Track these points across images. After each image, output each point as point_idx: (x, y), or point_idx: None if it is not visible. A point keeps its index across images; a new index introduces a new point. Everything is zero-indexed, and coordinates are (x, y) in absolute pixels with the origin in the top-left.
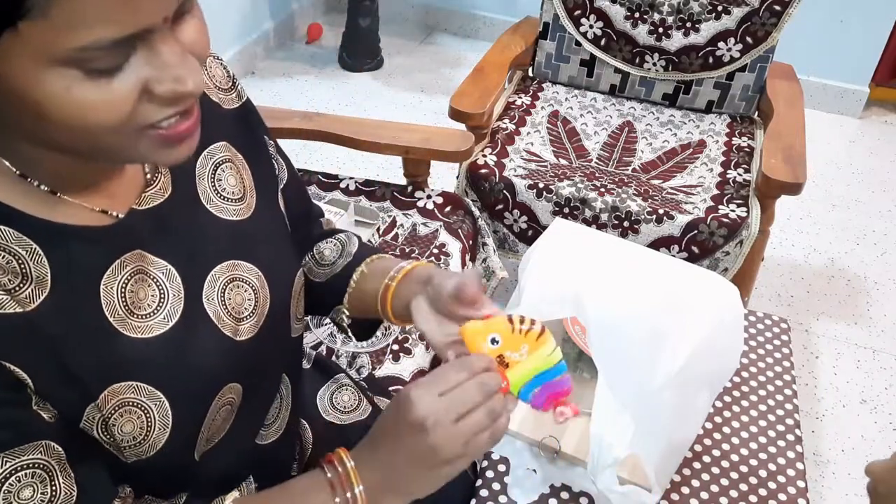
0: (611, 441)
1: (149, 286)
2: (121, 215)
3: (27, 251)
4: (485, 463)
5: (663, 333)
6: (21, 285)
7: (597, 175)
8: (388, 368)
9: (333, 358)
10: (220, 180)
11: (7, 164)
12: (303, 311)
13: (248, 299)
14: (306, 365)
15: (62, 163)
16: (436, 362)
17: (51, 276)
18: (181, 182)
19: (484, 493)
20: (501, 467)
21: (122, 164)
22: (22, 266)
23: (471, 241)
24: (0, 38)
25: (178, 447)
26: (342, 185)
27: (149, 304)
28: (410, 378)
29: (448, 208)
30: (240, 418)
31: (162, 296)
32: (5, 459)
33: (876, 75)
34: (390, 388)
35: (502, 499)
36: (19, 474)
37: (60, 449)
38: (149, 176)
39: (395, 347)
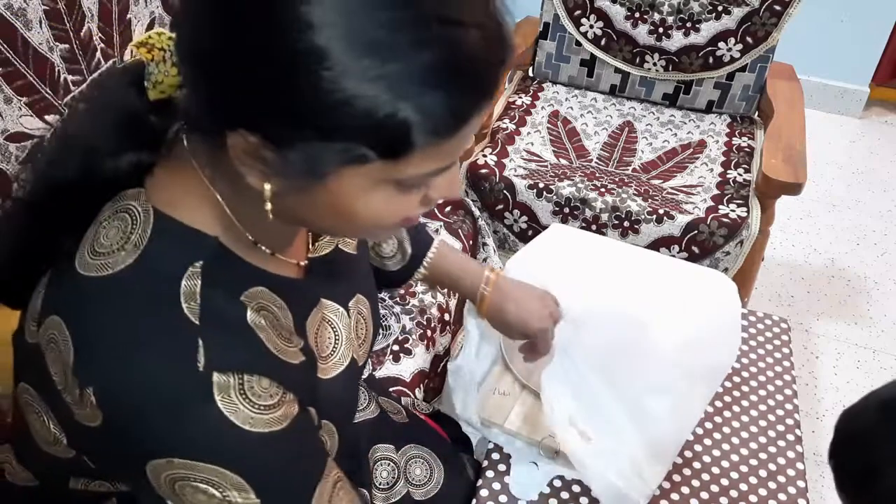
0: (560, 402)
1: (331, 330)
2: (304, 263)
3: (278, 306)
4: (485, 463)
5: (642, 323)
6: (292, 338)
7: (597, 175)
8: (388, 369)
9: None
10: None
11: (248, 235)
12: None
13: (363, 328)
14: None
15: (286, 230)
16: (436, 362)
17: (293, 326)
18: None
19: (484, 492)
20: (502, 467)
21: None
22: (287, 321)
23: (471, 241)
24: (367, 164)
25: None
26: None
27: (327, 346)
28: (411, 379)
29: (448, 208)
30: None
31: (338, 337)
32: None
33: (876, 75)
34: (391, 389)
35: (503, 498)
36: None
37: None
38: None
39: (396, 348)
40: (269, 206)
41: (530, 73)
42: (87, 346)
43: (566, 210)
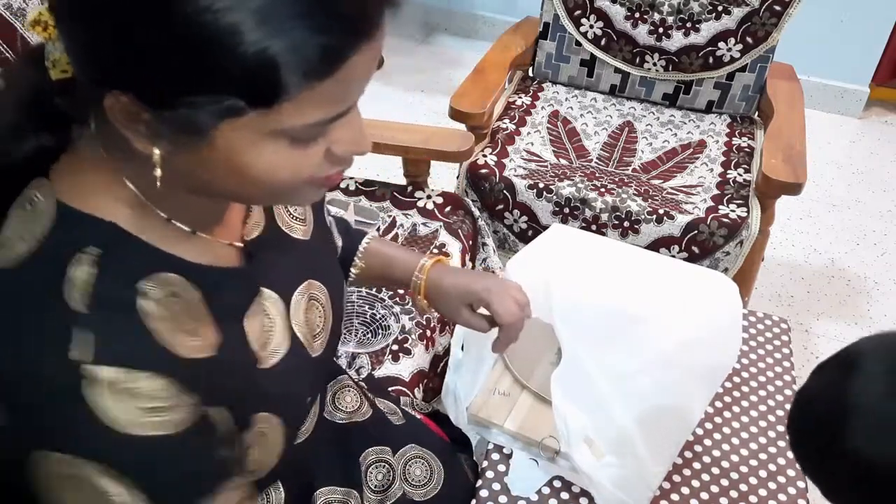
0: (575, 418)
1: (266, 318)
2: (240, 244)
3: (192, 298)
4: (485, 463)
5: (641, 323)
6: (197, 330)
7: (597, 175)
8: (387, 369)
9: (333, 358)
10: None
11: (157, 210)
12: None
13: (319, 316)
14: None
15: (202, 203)
16: (435, 362)
17: (213, 319)
18: (267, 209)
19: (484, 493)
20: (501, 467)
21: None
22: (199, 312)
23: (471, 242)
24: (243, 116)
25: (278, 463)
26: (342, 185)
27: (266, 335)
28: (410, 378)
29: (448, 208)
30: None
31: (272, 327)
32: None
33: (876, 75)
34: (390, 389)
35: (502, 499)
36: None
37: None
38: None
39: (395, 348)
40: (158, 171)
41: (530, 73)
42: None
43: (566, 210)
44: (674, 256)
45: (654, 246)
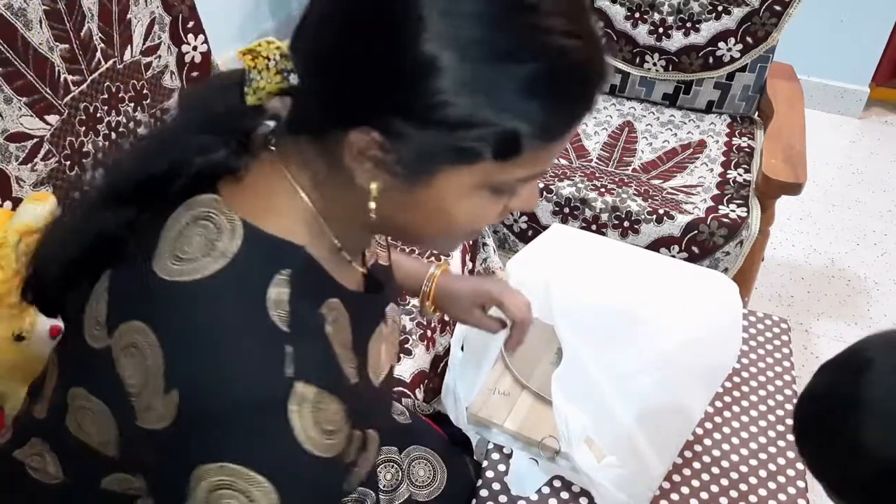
0: (576, 418)
1: (379, 342)
2: (362, 269)
3: (346, 322)
4: (485, 463)
5: (641, 323)
6: (348, 354)
7: (597, 175)
8: None
9: None
10: None
11: (335, 240)
12: None
13: (396, 333)
14: None
15: (366, 236)
16: (436, 362)
17: (352, 342)
18: None
19: (484, 493)
20: (502, 467)
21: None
22: (347, 337)
23: (471, 242)
24: (477, 164)
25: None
26: None
27: (378, 357)
28: (411, 379)
29: None
30: None
31: (381, 348)
32: None
33: (876, 75)
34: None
35: (502, 498)
36: None
37: None
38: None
39: None
40: (373, 205)
41: None
42: (178, 349)
43: (566, 210)
44: (674, 256)
45: (654, 246)
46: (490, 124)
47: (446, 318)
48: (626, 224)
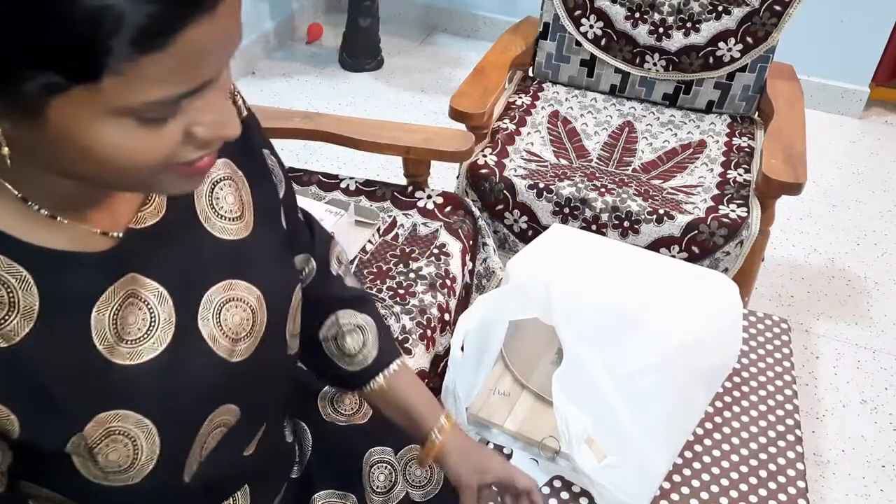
0: (576, 419)
1: (139, 310)
2: (119, 234)
3: (17, 279)
4: None
5: (641, 323)
6: (6, 317)
7: (597, 175)
8: None
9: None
10: (218, 199)
11: (9, 187)
12: (299, 329)
13: (246, 319)
14: None
15: (68, 186)
16: (436, 362)
17: (39, 305)
18: (179, 201)
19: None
20: None
21: (130, 192)
22: (11, 296)
23: (471, 241)
24: (70, 92)
25: (167, 471)
26: (342, 185)
27: (138, 329)
28: None
29: (448, 208)
30: (231, 436)
31: (153, 320)
32: None
33: (876, 75)
34: None
35: None
36: None
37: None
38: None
39: None
40: (5, 150)
41: (530, 74)
42: None
43: (566, 210)
44: (674, 256)
45: (654, 246)
46: (49, 38)
47: (446, 317)
48: (626, 224)
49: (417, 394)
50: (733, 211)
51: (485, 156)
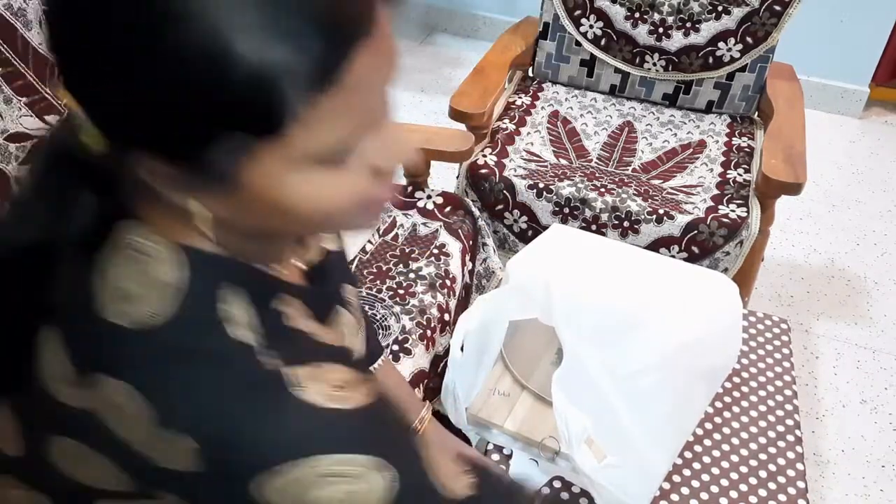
0: (576, 419)
1: (340, 325)
2: (303, 267)
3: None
4: None
5: (641, 323)
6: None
7: (597, 175)
8: None
9: None
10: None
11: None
12: None
13: (359, 317)
14: None
15: (268, 244)
16: (436, 362)
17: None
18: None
19: None
20: (501, 467)
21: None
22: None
23: (471, 242)
24: (257, 150)
25: None
26: None
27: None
28: (411, 379)
29: (448, 208)
30: None
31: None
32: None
33: (876, 75)
34: None
35: None
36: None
37: None
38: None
39: (395, 348)
40: (202, 221)
41: (530, 73)
42: (165, 397)
43: (566, 210)
44: (674, 256)
45: (654, 246)
46: (233, 103)
47: (446, 318)
48: (626, 224)
49: (400, 387)
50: (733, 211)
51: (484, 156)
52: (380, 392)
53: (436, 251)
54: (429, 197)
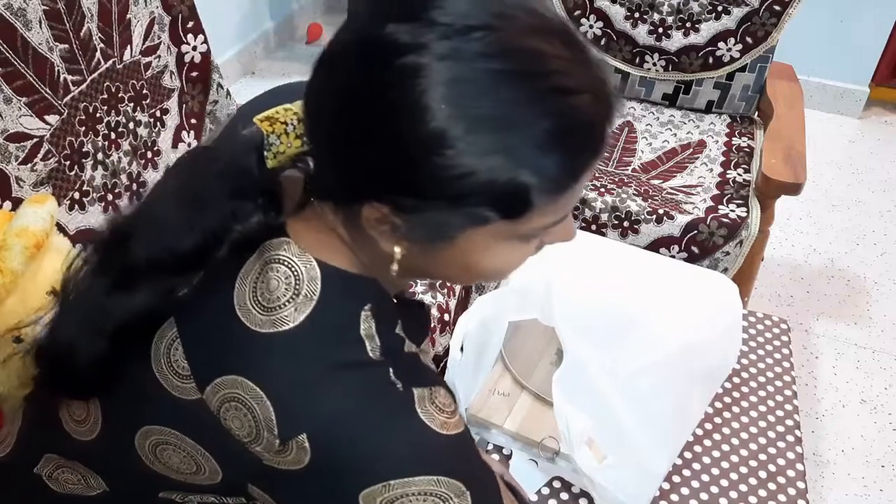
0: (576, 419)
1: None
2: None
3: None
4: None
5: (641, 323)
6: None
7: (596, 175)
8: None
9: None
10: None
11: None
12: None
13: None
14: None
15: (398, 280)
16: (436, 362)
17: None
18: None
19: None
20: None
21: None
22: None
23: None
24: (490, 225)
25: None
26: None
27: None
28: None
29: None
30: None
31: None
32: None
33: (876, 75)
34: None
35: None
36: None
37: None
38: None
39: None
40: (395, 266)
41: None
42: (288, 398)
43: None
44: (674, 256)
45: (654, 246)
46: (494, 190)
47: (446, 318)
48: (625, 224)
49: None
50: (733, 211)
51: None
52: (463, 418)
53: None
54: None
